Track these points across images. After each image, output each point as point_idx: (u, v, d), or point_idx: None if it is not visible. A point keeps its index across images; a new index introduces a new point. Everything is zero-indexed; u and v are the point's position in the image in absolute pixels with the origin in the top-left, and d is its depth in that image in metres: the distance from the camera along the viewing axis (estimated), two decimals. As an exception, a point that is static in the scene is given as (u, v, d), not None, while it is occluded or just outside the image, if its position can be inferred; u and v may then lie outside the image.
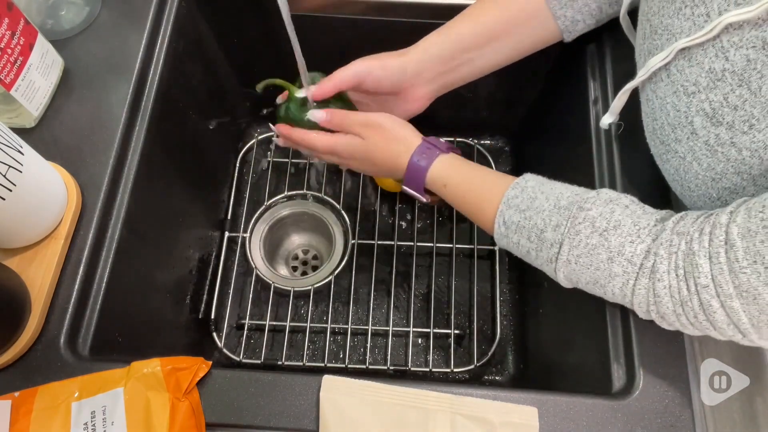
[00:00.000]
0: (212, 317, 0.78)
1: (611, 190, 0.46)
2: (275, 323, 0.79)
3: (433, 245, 0.82)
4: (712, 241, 0.37)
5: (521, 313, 0.79)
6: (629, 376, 0.49)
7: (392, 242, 0.82)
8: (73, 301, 0.51)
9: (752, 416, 0.47)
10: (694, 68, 0.40)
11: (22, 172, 0.47)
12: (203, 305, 0.78)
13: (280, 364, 0.76)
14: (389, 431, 0.46)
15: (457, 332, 0.78)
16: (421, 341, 0.79)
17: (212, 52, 0.76)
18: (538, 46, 0.60)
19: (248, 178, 0.87)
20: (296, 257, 0.86)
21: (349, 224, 0.82)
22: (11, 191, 0.46)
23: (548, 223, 0.46)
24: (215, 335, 0.78)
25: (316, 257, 0.86)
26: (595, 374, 0.53)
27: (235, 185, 0.86)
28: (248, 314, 0.79)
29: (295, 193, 0.85)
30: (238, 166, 0.87)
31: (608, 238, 0.43)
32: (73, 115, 0.59)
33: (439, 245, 0.82)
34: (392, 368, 0.76)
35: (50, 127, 0.58)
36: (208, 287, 0.79)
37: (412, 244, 0.82)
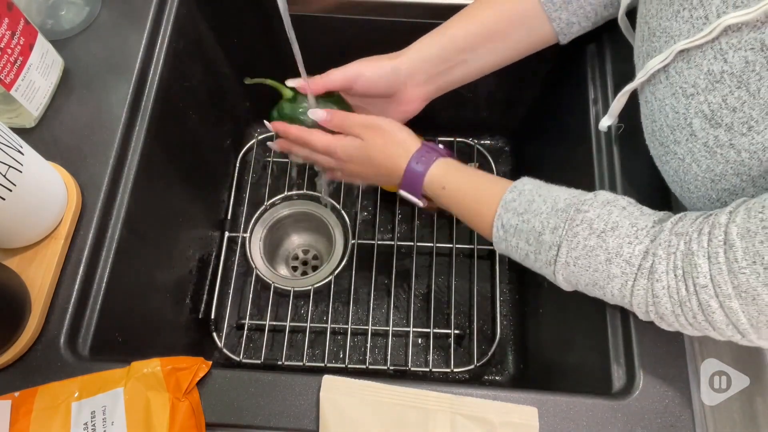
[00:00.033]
0: (212, 317, 0.78)
1: (609, 192, 0.46)
2: (275, 323, 0.79)
3: (433, 245, 0.82)
4: (711, 241, 0.37)
5: (521, 313, 0.79)
6: (629, 376, 0.49)
7: (392, 242, 0.82)
8: (73, 301, 0.51)
9: (752, 416, 0.47)
10: (692, 70, 0.40)
11: (22, 172, 0.47)
12: (203, 305, 0.78)
13: (280, 364, 0.76)
14: (389, 431, 0.46)
15: (457, 332, 0.78)
16: (421, 341, 0.80)
17: (212, 52, 0.76)
18: (533, 48, 0.59)
19: (248, 178, 0.87)
20: (296, 257, 0.86)
21: (349, 224, 0.82)
22: (11, 191, 0.46)
23: (546, 225, 0.46)
24: (215, 335, 0.78)
25: (316, 257, 0.86)
26: (595, 374, 0.53)
27: (235, 185, 0.86)
28: (248, 314, 0.79)
29: (295, 193, 0.85)
30: (238, 166, 0.87)
31: (606, 239, 0.43)
32: (73, 115, 0.59)
33: (439, 245, 0.82)
34: (392, 368, 0.76)
35: (50, 127, 0.58)
36: (208, 287, 0.79)
37: (412, 244, 0.82)
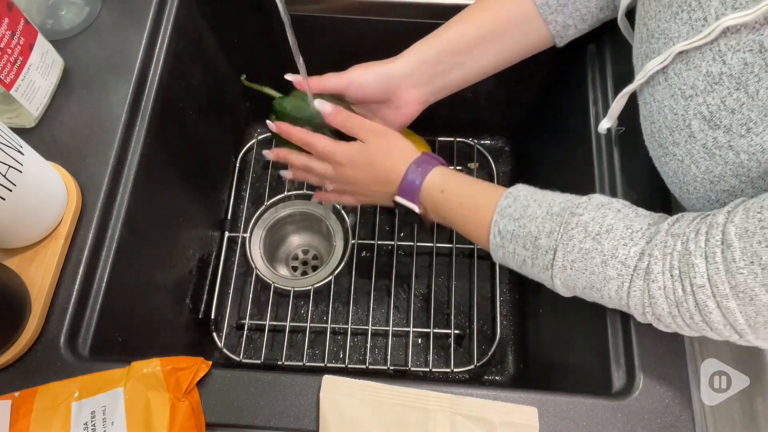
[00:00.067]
0: (212, 317, 0.78)
1: (603, 195, 0.46)
2: (275, 323, 0.79)
3: (433, 245, 0.82)
4: (708, 241, 0.37)
5: (521, 313, 0.79)
6: (629, 376, 0.49)
7: (392, 242, 0.82)
8: (73, 301, 0.51)
9: (752, 416, 0.47)
10: (691, 72, 0.40)
11: (22, 172, 0.47)
12: (203, 305, 0.78)
13: (280, 364, 0.76)
14: (389, 431, 0.46)
15: (457, 332, 0.78)
16: (421, 341, 0.79)
17: (212, 52, 0.76)
18: (530, 51, 0.59)
19: (248, 178, 0.87)
20: (296, 257, 0.86)
21: (349, 224, 0.82)
22: (11, 191, 0.46)
23: (542, 230, 0.46)
24: (215, 335, 0.78)
25: (316, 257, 0.86)
26: (595, 374, 0.53)
27: (235, 185, 0.86)
28: (248, 314, 0.79)
29: (295, 193, 0.85)
30: (238, 166, 0.87)
31: (601, 242, 0.43)
32: (73, 115, 0.59)
33: (439, 245, 0.82)
34: (392, 368, 0.76)
35: (50, 127, 0.58)
36: (208, 287, 0.79)
37: (412, 244, 0.82)
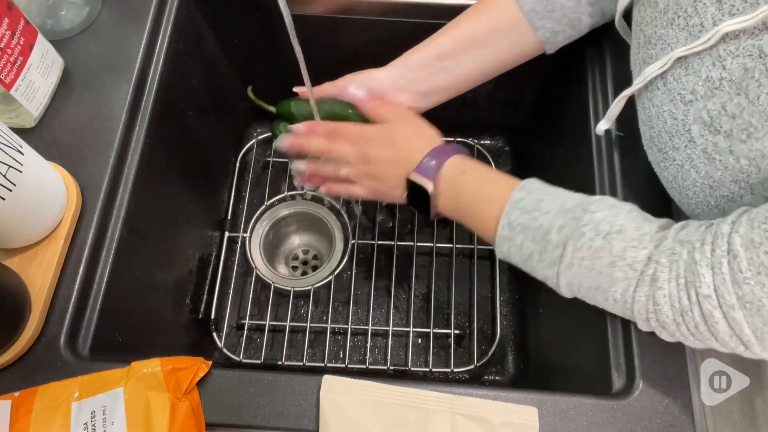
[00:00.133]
0: (212, 317, 0.78)
1: (613, 197, 0.46)
2: (275, 323, 0.79)
3: (433, 245, 0.82)
4: (714, 251, 0.37)
5: (521, 313, 0.79)
6: (629, 376, 0.49)
7: (392, 242, 0.82)
8: (73, 301, 0.51)
9: (752, 416, 0.47)
10: (691, 77, 0.40)
11: (22, 172, 0.47)
12: (203, 305, 0.78)
13: (280, 364, 0.76)
14: (389, 431, 0.46)
15: (457, 332, 0.78)
16: (421, 341, 0.79)
17: (212, 52, 0.76)
18: (519, 57, 0.59)
19: (248, 178, 0.87)
20: (296, 257, 0.86)
21: (349, 224, 0.82)
22: (11, 191, 0.46)
23: (553, 224, 0.45)
24: (215, 335, 0.78)
25: (316, 257, 0.86)
26: (595, 374, 0.53)
27: (235, 185, 0.86)
28: (248, 314, 0.79)
29: (295, 193, 0.85)
30: (238, 166, 0.87)
31: (611, 242, 0.42)
32: (73, 115, 0.59)
33: (439, 245, 0.82)
34: (392, 368, 0.76)
35: (50, 127, 0.58)
36: (208, 287, 0.79)
37: (412, 244, 0.82)
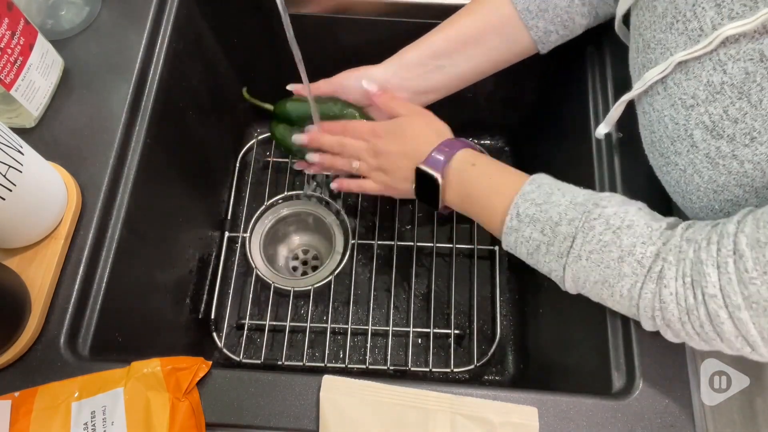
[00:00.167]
0: (212, 317, 0.78)
1: (621, 195, 0.46)
2: (275, 323, 0.79)
3: (433, 245, 0.82)
4: (720, 250, 0.37)
5: (521, 313, 0.79)
6: (629, 376, 0.49)
7: (392, 242, 0.82)
8: (73, 301, 0.51)
9: (752, 416, 0.47)
10: (691, 81, 0.40)
11: (22, 172, 0.47)
12: (203, 305, 0.78)
13: (280, 364, 0.76)
14: (389, 431, 0.46)
15: (457, 332, 0.78)
16: (421, 341, 0.79)
17: (212, 52, 0.76)
18: (512, 57, 0.60)
19: (248, 178, 0.87)
20: (296, 257, 0.86)
21: (349, 224, 0.82)
22: (11, 191, 0.46)
23: (563, 216, 0.46)
24: (215, 335, 0.78)
25: (316, 257, 0.86)
26: (595, 374, 0.53)
27: (235, 185, 0.86)
28: (248, 314, 0.79)
29: (295, 193, 0.85)
30: (238, 166, 0.87)
31: (621, 236, 0.42)
32: (73, 115, 0.59)
33: (439, 245, 0.82)
34: (392, 368, 0.76)
35: (50, 127, 0.58)
36: (208, 287, 0.79)
37: (412, 244, 0.82)
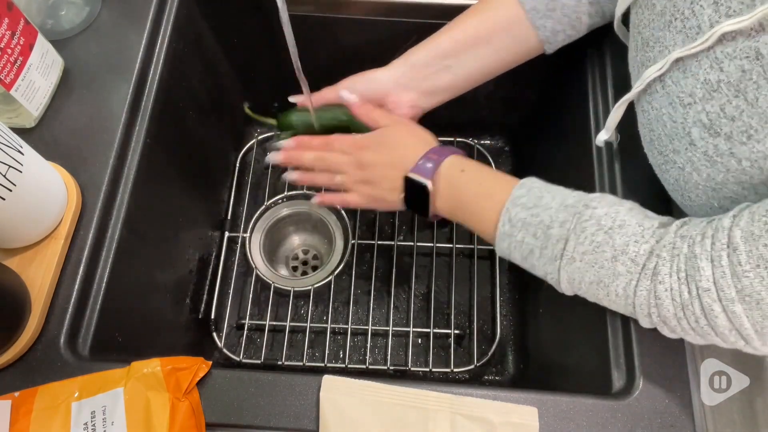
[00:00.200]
0: (212, 317, 0.78)
1: (613, 195, 0.46)
2: (275, 323, 0.79)
3: (433, 245, 0.82)
4: (714, 244, 0.37)
5: (521, 313, 0.79)
6: (629, 376, 0.49)
7: (392, 242, 0.82)
8: (73, 301, 0.51)
9: (752, 416, 0.47)
10: (689, 79, 0.40)
11: (22, 172, 0.47)
12: (203, 305, 0.78)
13: (280, 364, 0.76)
14: (389, 431, 0.46)
15: (457, 332, 0.78)
16: (421, 341, 0.79)
17: (212, 52, 0.76)
18: (520, 57, 0.60)
19: (248, 178, 0.87)
20: (296, 257, 0.86)
21: (349, 224, 0.82)
22: (11, 191, 0.46)
23: (555, 219, 0.46)
24: (215, 335, 0.78)
25: (316, 257, 0.86)
26: (595, 374, 0.53)
27: (235, 185, 0.86)
28: (248, 314, 0.79)
29: (295, 193, 0.85)
30: (238, 166, 0.87)
31: (613, 236, 0.43)
32: (73, 115, 0.59)
33: (439, 245, 0.82)
34: (392, 368, 0.76)
35: (50, 127, 0.58)
36: (208, 287, 0.79)
37: (412, 244, 0.82)
